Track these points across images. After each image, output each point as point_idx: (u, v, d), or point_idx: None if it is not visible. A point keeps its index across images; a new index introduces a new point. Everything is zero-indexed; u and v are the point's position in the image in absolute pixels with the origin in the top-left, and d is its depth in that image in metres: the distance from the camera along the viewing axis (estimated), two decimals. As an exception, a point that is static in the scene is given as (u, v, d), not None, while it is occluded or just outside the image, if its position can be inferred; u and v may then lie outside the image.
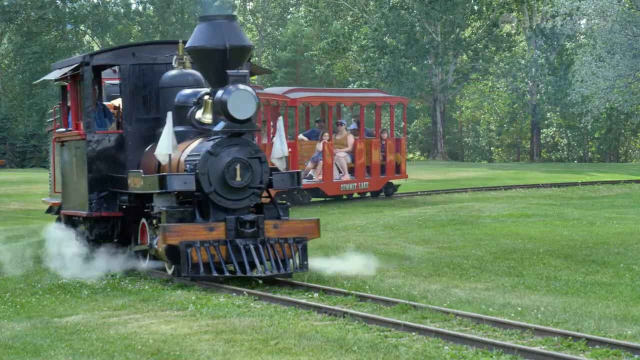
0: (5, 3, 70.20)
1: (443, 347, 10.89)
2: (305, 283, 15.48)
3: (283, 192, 27.97)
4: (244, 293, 14.80)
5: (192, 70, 17.86)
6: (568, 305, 13.16)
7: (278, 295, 14.52)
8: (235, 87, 15.81)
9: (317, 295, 14.57)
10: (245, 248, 15.63)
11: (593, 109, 46.74)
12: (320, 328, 12.11)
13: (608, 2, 42.31)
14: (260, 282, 15.56)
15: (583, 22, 53.59)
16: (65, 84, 19.58)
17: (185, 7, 76.16)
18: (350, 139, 31.70)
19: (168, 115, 16.28)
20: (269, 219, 16.04)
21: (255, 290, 14.95)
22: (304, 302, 13.88)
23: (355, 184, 31.77)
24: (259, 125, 24.55)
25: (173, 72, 17.89)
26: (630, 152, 77.53)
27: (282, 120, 17.21)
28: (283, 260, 15.83)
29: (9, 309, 14.60)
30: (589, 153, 76.23)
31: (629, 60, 42.53)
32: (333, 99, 32.26)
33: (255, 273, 15.53)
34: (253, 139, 16.90)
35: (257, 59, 78.10)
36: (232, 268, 15.82)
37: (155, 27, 76.79)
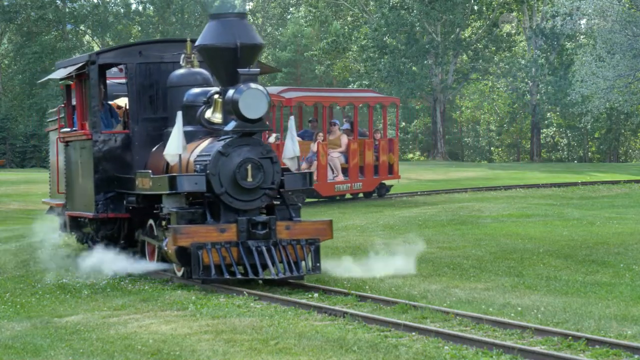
0: (5, 3, 70.20)
1: (443, 347, 10.89)
2: (305, 283, 15.46)
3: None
4: (244, 293, 14.79)
5: (200, 69, 17.63)
6: (568, 305, 13.16)
7: (278, 295, 14.50)
8: (247, 86, 15.54)
9: (317, 295, 14.57)
10: (258, 250, 15.33)
11: (593, 109, 46.73)
12: (320, 328, 12.11)
13: (608, 2, 42.31)
14: (260, 282, 15.53)
15: (583, 22, 53.56)
16: (70, 83, 19.27)
17: (185, 7, 76.18)
18: (344, 139, 31.57)
19: (178, 115, 15.98)
20: (281, 220, 15.79)
21: (255, 290, 14.93)
22: (304, 302, 13.88)
23: (349, 185, 31.71)
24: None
25: (181, 70, 17.63)
26: (630, 152, 77.53)
27: (293, 120, 16.92)
28: (295, 262, 15.53)
29: (9, 309, 14.60)
30: (589, 153, 76.22)
31: (629, 60, 42.52)
32: (327, 99, 32.15)
33: (267, 275, 15.27)
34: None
35: (257, 59, 77.94)
36: (241, 270, 15.56)
37: (155, 27, 76.78)
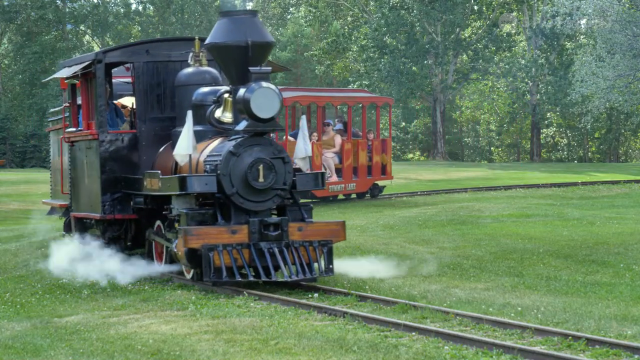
0: (5, 3, 70.21)
1: (443, 347, 10.89)
2: (305, 283, 15.44)
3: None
4: (244, 293, 14.78)
5: (209, 68, 17.37)
6: (568, 305, 13.16)
7: (278, 295, 14.49)
8: (258, 84, 15.34)
9: (317, 295, 14.56)
10: (270, 251, 15.12)
11: (593, 109, 46.73)
12: (320, 328, 12.11)
13: (608, 2, 42.31)
14: (261, 282, 15.50)
15: (583, 22, 53.58)
16: (75, 82, 18.97)
17: (185, 7, 76.16)
18: (338, 140, 31.41)
19: (188, 114, 15.72)
20: (293, 221, 15.53)
21: (255, 290, 14.92)
22: (304, 302, 13.88)
23: (343, 185, 31.65)
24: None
25: (189, 69, 17.37)
26: (630, 152, 77.49)
27: (305, 120, 16.73)
28: (308, 264, 15.29)
29: (9, 309, 14.60)
30: (589, 153, 76.20)
31: (629, 60, 42.51)
32: (322, 99, 32.06)
33: (280, 277, 15.07)
34: None
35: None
36: (252, 272, 15.24)
37: (155, 27, 76.77)
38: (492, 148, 79.60)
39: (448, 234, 21.08)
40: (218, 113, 16.34)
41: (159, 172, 16.43)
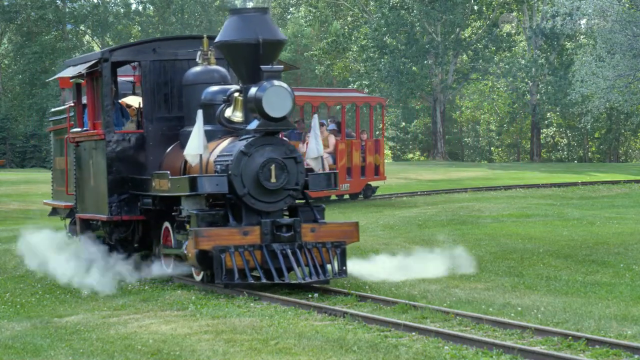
0: (5, 3, 70.21)
1: (443, 347, 10.89)
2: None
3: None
4: (244, 293, 14.78)
5: (217, 66, 17.10)
6: (568, 305, 13.16)
7: (278, 296, 14.48)
8: (270, 83, 15.04)
9: (317, 295, 14.56)
10: (283, 253, 14.89)
11: (593, 109, 46.67)
12: (320, 328, 12.11)
13: (608, 2, 42.27)
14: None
15: (583, 22, 53.54)
16: (80, 82, 18.68)
17: (185, 7, 76.14)
18: (332, 140, 31.21)
19: (198, 114, 15.48)
20: (306, 222, 15.29)
21: (255, 290, 14.90)
22: (304, 302, 13.87)
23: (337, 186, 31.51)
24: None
25: (197, 68, 17.10)
26: (630, 152, 77.47)
27: (317, 119, 16.52)
28: (322, 266, 15.07)
29: (9, 309, 14.60)
30: (589, 153, 76.19)
31: (629, 60, 42.46)
32: (316, 99, 31.97)
33: (293, 279, 14.86)
34: None
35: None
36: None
37: (155, 27, 76.75)
38: (492, 148, 79.58)
39: (448, 234, 21.07)
40: (228, 112, 16.10)
41: (168, 172, 16.20)
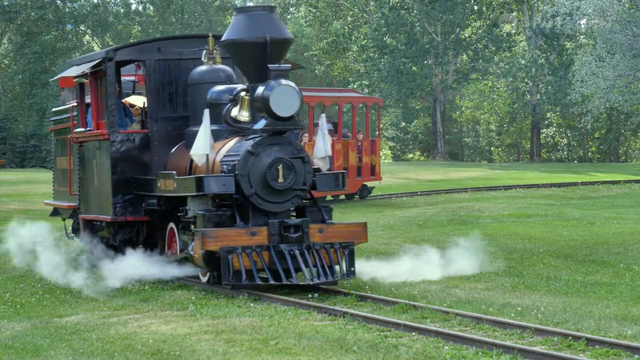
0: (5, 3, 70.22)
1: (443, 347, 10.89)
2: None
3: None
4: (244, 293, 14.77)
5: (223, 66, 16.95)
6: (568, 305, 13.16)
7: (278, 296, 14.47)
8: (278, 82, 14.89)
9: (317, 295, 14.55)
10: (291, 254, 14.70)
11: (593, 109, 46.69)
12: (320, 328, 12.11)
13: (608, 2, 42.27)
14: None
15: (583, 22, 53.54)
16: (84, 81, 18.45)
17: (185, 7, 76.13)
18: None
19: (205, 113, 15.33)
20: (314, 223, 15.14)
21: (255, 290, 14.89)
22: (304, 302, 13.86)
23: None
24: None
25: (203, 67, 16.95)
26: (630, 152, 77.48)
27: (324, 118, 16.38)
28: (330, 267, 14.92)
29: (9, 309, 14.59)
30: (589, 153, 76.20)
31: (629, 60, 42.46)
32: (313, 99, 31.94)
33: (301, 280, 14.72)
34: None
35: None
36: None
37: (155, 27, 76.76)
38: (492, 148, 79.59)
39: (448, 234, 21.07)
40: (234, 112, 15.97)
41: (174, 172, 16.05)
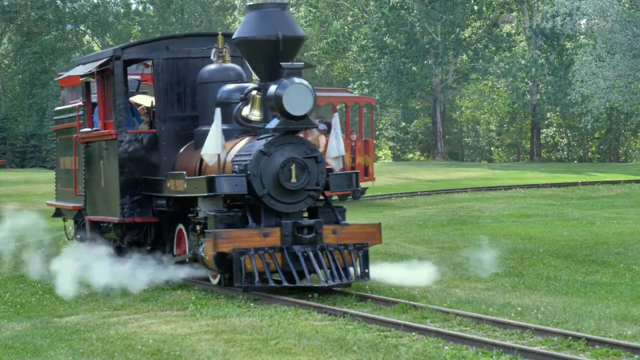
0: (5, 3, 70.23)
1: (443, 347, 10.89)
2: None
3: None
4: (244, 293, 14.76)
5: (232, 64, 16.67)
6: (568, 305, 13.16)
7: (278, 296, 14.46)
8: (290, 80, 14.56)
9: (317, 295, 14.53)
10: (304, 255, 14.41)
11: (593, 109, 46.69)
12: (320, 328, 12.10)
13: (608, 2, 42.26)
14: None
15: (583, 22, 53.53)
16: (90, 80, 18.20)
17: (185, 7, 76.14)
18: (322, 140, 30.82)
19: (216, 112, 15.07)
20: (327, 224, 14.84)
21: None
22: (304, 302, 13.86)
23: None
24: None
25: (212, 66, 16.66)
26: (630, 152, 77.49)
27: (337, 117, 16.14)
28: (344, 269, 14.62)
29: (9, 309, 14.60)
30: (589, 153, 76.21)
31: (629, 60, 42.45)
32: None
33: (315, 282, 14.52)
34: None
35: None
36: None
37: (155, 27, 76.76)
38: (492, 148, 79.59)
39: (448, 234, 21.08)
40: (245, 111, 15.68)
41: (184, 172, 15.80)
